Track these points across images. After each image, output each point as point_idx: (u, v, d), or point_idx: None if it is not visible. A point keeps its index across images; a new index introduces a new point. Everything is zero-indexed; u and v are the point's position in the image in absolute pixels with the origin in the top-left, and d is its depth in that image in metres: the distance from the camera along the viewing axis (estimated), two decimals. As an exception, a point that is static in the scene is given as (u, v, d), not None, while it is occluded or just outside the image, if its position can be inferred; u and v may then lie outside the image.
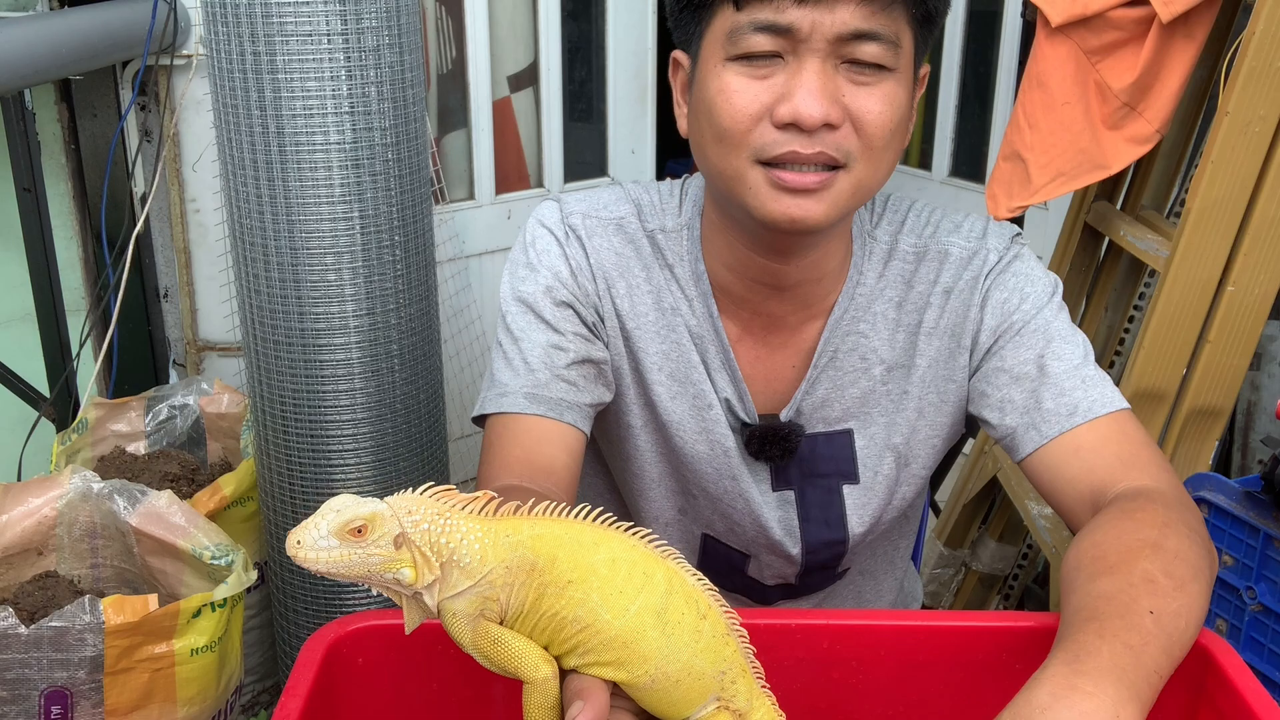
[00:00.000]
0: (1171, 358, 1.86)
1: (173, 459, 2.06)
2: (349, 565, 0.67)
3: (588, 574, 0.70)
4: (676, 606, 0.71)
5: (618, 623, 0.70)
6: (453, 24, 2.86)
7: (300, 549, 0.67)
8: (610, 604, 0.70)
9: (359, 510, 0.67)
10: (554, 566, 0.70)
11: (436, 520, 0.69)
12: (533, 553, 0.70)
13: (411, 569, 0.68)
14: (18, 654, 1.42)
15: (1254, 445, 2.21)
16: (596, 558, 0.70)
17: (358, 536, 0.67)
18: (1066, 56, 1.97)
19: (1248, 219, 1.78)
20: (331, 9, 1.54)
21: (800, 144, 0.92)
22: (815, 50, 0.90)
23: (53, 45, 1.95)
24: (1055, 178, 2.03)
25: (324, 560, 0.67)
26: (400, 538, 0.68)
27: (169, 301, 2.59)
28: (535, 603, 0.70)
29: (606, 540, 0.71)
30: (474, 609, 0.70)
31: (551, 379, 1.06)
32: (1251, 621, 1.63)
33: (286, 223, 1.61)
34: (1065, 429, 1.01)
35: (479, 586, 0.69)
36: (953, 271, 1.08)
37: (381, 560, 0.67)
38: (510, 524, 0.71)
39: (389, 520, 0.67)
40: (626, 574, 0.70)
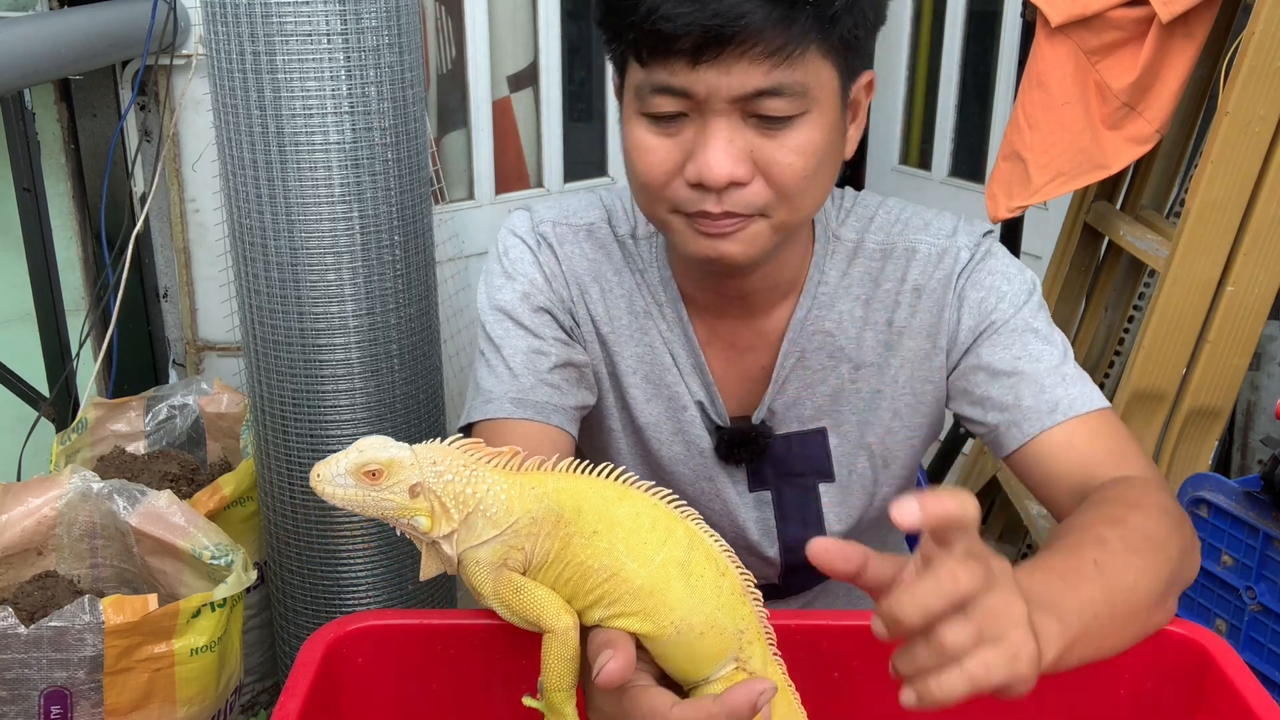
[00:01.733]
0: (1171, 358, 1.86)
1: (172, 459, 2.06)
2: (361, 505, 0.69)
3: (613, 525, 0.71)
4: (698, 561, 0.72)
5: (644, 572, 0.70)
6: (452, 24, 2.86)
7: (319, 481, 0.69)
8: (636, 553, 0.71)
9: (377, 454, 0.69)
10: (579, 517, 0.71)
11: (462, 471, 0.70)
12: (558, 504, 0.71)
13: (428, 518, 0.70)
14: (17, 654, 1.42)
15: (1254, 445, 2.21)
16: (620, 511, 0.72)
17: (372, 479, 0.68)
18: (1066, 56, 1.97)
19: (1248, 219, 1.78)
20: (331, 9, 1.54)
21: (710, 203, 0.92)
22: (717, 110, 0.89)
23: (52, 45, 1.95)
24: (1055, 177, 2.03)
25: (338, 496, 0.69)
26: (418, 487, 0.69)
27: (169, 301, 2.59)
28: (560, 552, 0.71)
29: (629, 496, 0.73)
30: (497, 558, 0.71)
31: (535, 383, 1.06)
32: (1251, 621, 1.63)
33: (286, 223, 1.61)
34: (1047, 426, 1.01)
35: (504, 536, 0.70)
36: (921, 269, 1.07)
37: (394, 506, 0.69)
38: (535, 477, 0.72)
39: (407, 468, 0.69)
40: (650, 527, 0.71)
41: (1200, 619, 1.67)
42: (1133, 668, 0.89)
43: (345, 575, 1.78)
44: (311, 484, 0.69)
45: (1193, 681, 0.88)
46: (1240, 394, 2.05)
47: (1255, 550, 1.61)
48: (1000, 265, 1.08)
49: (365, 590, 1.80)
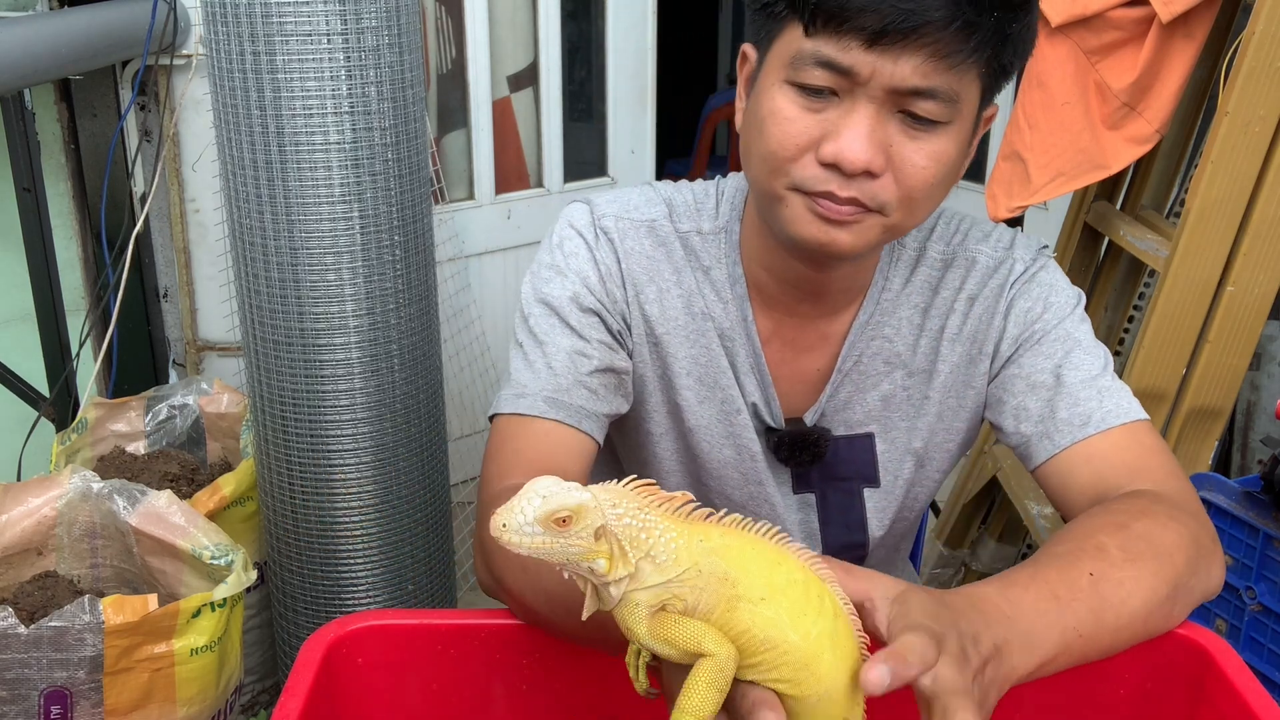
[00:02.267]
0: (1171, 358, 1.86)
1: (172, 459, 2.06)
2: (550, 552, 0.68)
3: (776, 593, 0.70)
4: (843, 632, 0.72)
5: (803, 644, 0.70)
6: (452, 24, 2.86)
7: (506, 532, 0.67)
8: (796, 625, 0.70)
9: (566, 500, 0.68)
10: (747, 579, 0.70)
11: (637, 515, 0.70)
12: (725, 561, 0.70)
13: (607, 560, 0.69)
14: (17, 654, 1.42)
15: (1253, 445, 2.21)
16: (780, 577, 0.71)
17: (562, 526, 0.67)
18: (1066, 56, 1.97)
19: (1247, 219, 1.78)
20: (331, 9, 1.54)
21: (837, 185, 0.91)
22: (871, 96, 0.88)
23: (52, 45, 1.95)
24: (1055, 178, 2.03)
25: (527, 545, 0.67)
26: (601, 530, 0.68)
27: (169, 301, 2.59)
28: (725, 614, 0.70)
29: (784, 560, 0.72)
30: (658, 602, 0.70)
31: (573, 385, 1.04)
32: (1251, 621, 1.63)
33: (286, 222, 1.61)
34: (1078, 439, 1.01)
35: (670, 584, 0.70)
36: (978, 279, 1.09)
37: (581, 550, 0.68)
38: (704, 529, 0.72)
39: (594, 512, 0.68)
40: (804, 595, 0.71)
41: (1200, 619, 1.67)
42: (1133, 668, 0.89)
43: (345, 575, 1.78)
44: (495, 534, 0.67)
45: (1193, 681, 0.88)
46: (1240, 394, 2.06)
47: (1255, 550, 1.61)
48: (1050, 278, 1.09)
49: (365, 590, 1.80)
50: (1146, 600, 0.84)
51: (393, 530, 1.78)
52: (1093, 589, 0.82)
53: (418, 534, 1.82)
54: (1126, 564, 0.85)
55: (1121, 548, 0.86)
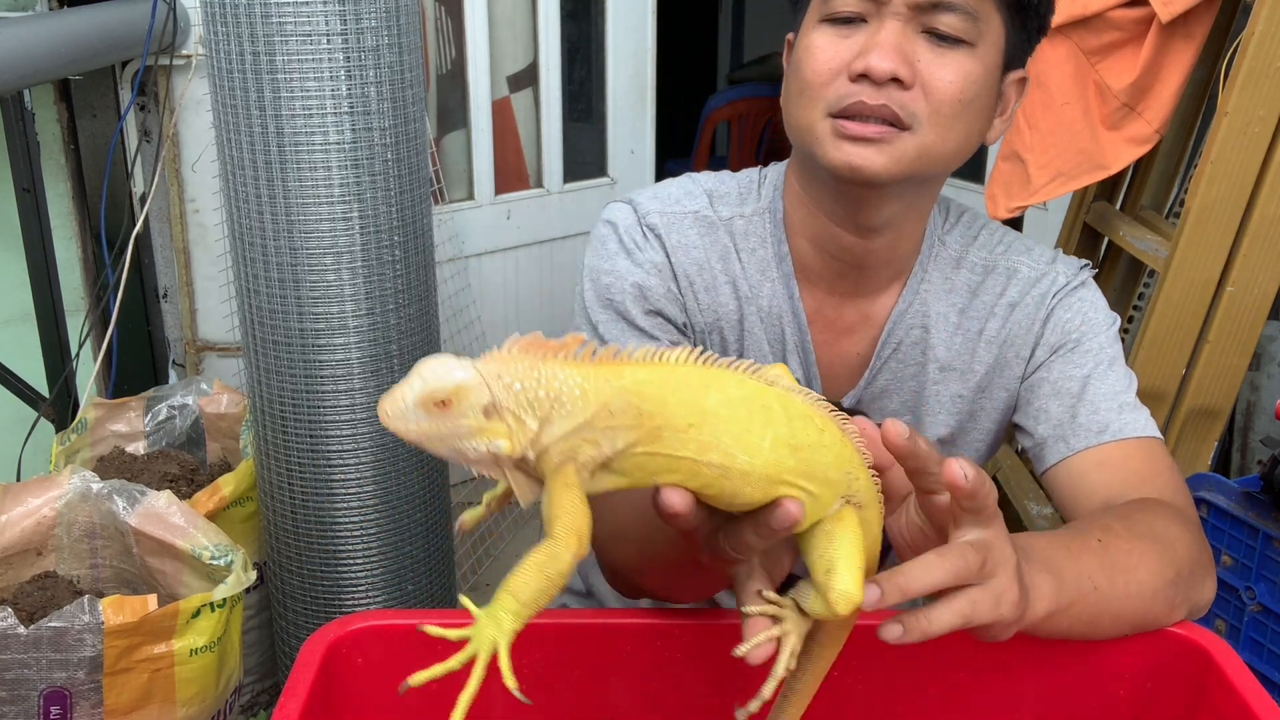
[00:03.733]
0: (1171, 358, 1.86)
1: (172, 459, 2.06)
2: (439, 439, 0.63)
3: (708, 416, 0.66)
4: (801, 430, 0.68)
5: (757, 462, 0.66)
6: (452, 24, 2.86)
7: (389, 419, 0.64)
8: (741, 444, 0.66)
9: (444, 381, 0.63)
10: (664, 409, 0.66)
11: (530, 375, 0.64)
12: (639, 397, 0.65)
13: (506, 439, 0.64)
14: (17, 654, 1.42)
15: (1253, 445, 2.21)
16: (710, 400, 0.66)
17: (444, 409, 0.63)
18: (1066, 57, 1.97)
19: (1247, 219, 1.78)
20: (331, 9, 1.54)
21: (867, 94, 0.95)
22: (895, 13, 0.94)
23: (52, 45, 1.95)
24: (1054, 178, 2.03)
25: (413, 432, 0.63)
26: (491, 406, 0.63)
27: (168, 302, 2.59)
28: (646, 444, 0.66)
29: (716, 381, 0.67)
30: (568, 450, 0.65)
31: None
32: (1251, 622, 1.63)
33: (286, 223, 1.61)
34: (1092, 444, 1.03)
35: (580, 430, 0.65)
36: (1020, 288, 1.11)
37: (472, 431, 0.63)
38: (613, 369, 0.66)
39: (476, 389, 0.63)
40: (745, 412, 0.66)
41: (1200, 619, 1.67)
42: (1133, 668, 0.89)
43: (345, 575, 1.78)
44: (382, 422, 0.64)
45: (1193, 681, 0.88)
46: (1240, 394, 2.06)
47: (1255, 550, 1.61)
48: (1092, 295, 1.11)
49: (365, 590, 1.80)
50: (1152, 575, 0.86)
51: (392, 530, 1.78)
52: (1102, 550, 0.85)
53: (417, 534, 1.82)
54: (1133, 539, 0.87)
55: (1126, 527, 0.88)
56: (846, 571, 0.68)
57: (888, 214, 1.04)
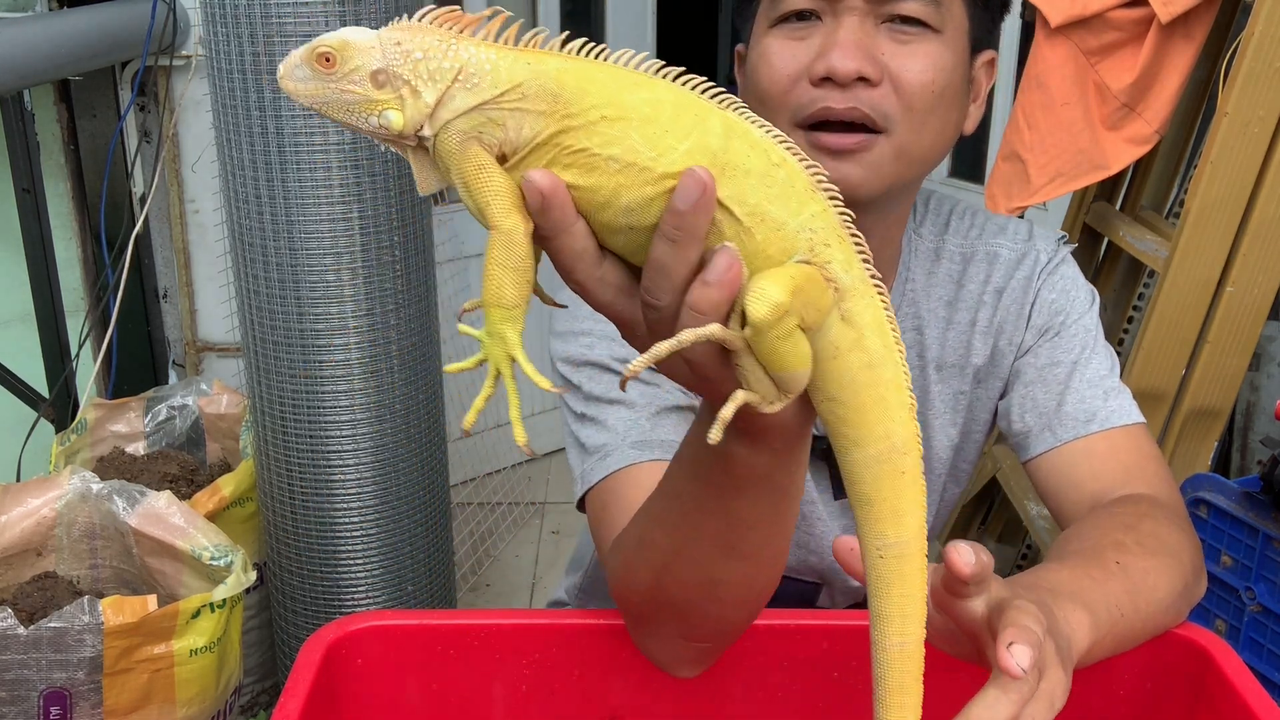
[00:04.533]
0: (1171, 358, 1.86)
1: (172, 460, 2.06)
2: (325, 101, 0.58)
3: (625, 111, 0.58)
4: (738, 149, 0.58)
5: (663, 164, 0.57)
6: (452, 24, 2.86)
7: (283, 78, 0.59)
8: (654, 143, 0.57)
9: (328, 37, 0.58)
10: (582, 99, 0.58)
11: (436, 46, 0.58)
12: (556, 82, 0.58)
13: (397, 111, 0.58)
14: (17, 655, 1.42)
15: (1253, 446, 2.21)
16: (636, 97, 0.58)
17: (326, 66, 0.57)
18: (1066, 57, 1.97)
19: (1247, 219, 1.78)
20: (331, 10, 1.54)
21: (834, 100, 0.89)
22: (852, 7, 0.89)
23: (52, 46, 1.95)
24: (1054, 178, 2.03)
25: (301, 92, 0.58)
26: (382, 74, 0.58)
27: (168, 302, 2.59)
28: (555, 136, 0.58)
29: (649, 83, 0.59)
30: (471, 128, 0.59)
31: (656, 421, 0.96)
32: (1250, 622, 1.63)
33: (286, 223, 1.61)
34: (1080, 435, 1.01)
35: (485, 108, 0.58)
36: (1004, 272, 1.08)
37: (358, 99, 0.58)
38: (531, 53, 0.59)
39: (363, 51, 0.57)
40: (673, 114, 0.58)
41: (1200, 619, 1.67)
42: (1133, 668, 0.89)
43: (345, 576, 1.78)
44: (279, 82, 0.59)
45: (1193, 681, 0.88)
46: (1240, 394, 2.05)
47: (1255, 551, 1.61)
48: (1072, 272, 1.09)
49: (365, 591, 1.80)
50: (1168, 592, 0.85)
51: (392, 531, 1.78)
52: (1123, 573, 0.83)
53: (417, 535, 1.82)
54: (1146, 556, 0.86)
55: (1138, 543, 0.87)
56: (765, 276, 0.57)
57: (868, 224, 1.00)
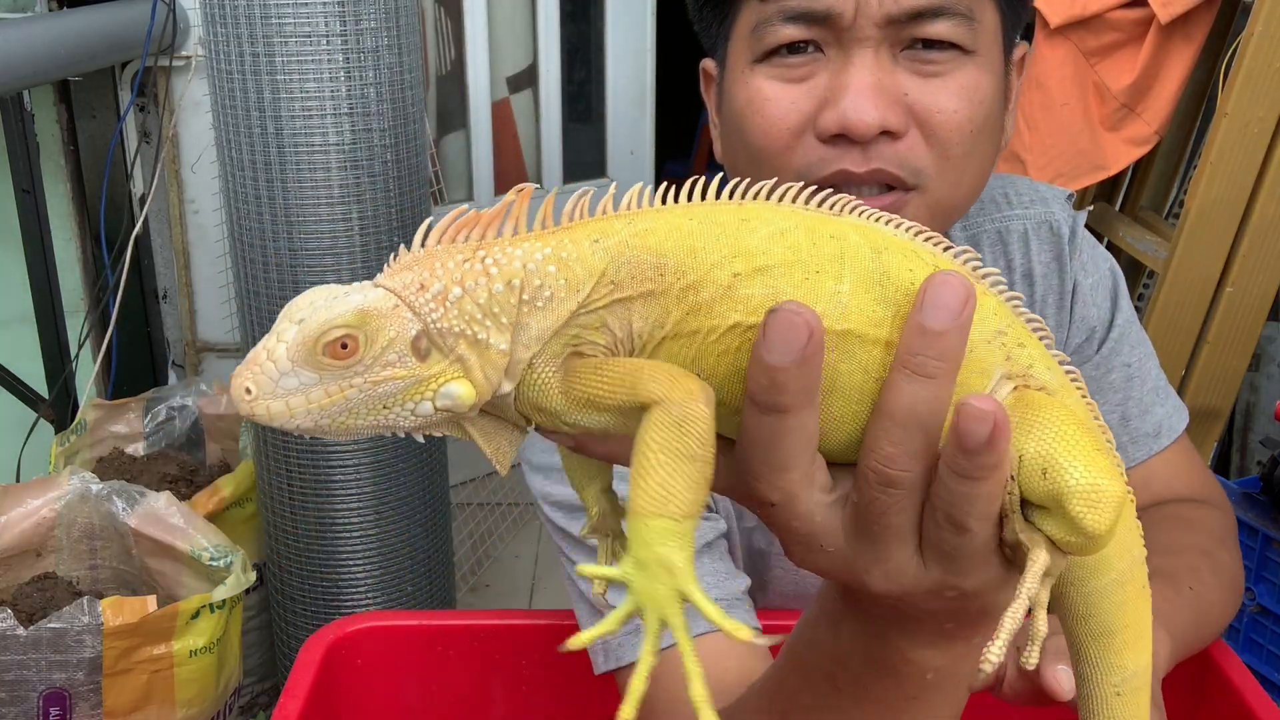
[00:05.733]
0: (1170, 358, 1.86)
1: (171, 460, 2.06)
2: (349, 410, 0.41)
3: (756, 260, 0.44)
4: (896, 264, 0.45)
5: (835, 315, 0.44)
6: (451, 25, 2.86)
7: (254, 401, 0.40)
8: (813, 295, 0.44)
9: (336, 312, 0.40)
10: (694, 259, 0.44)
11: (472, 270, 0.42)
12: (647, 249, 0.44)
13: (461, 379, 0.42)
14: (16, 655, 1.42)
15: (1253, 446, 2.21)
16: (754, 238, 0.44)
17: (344, 355, 0.40)
18: (1065, 58, 1.97)
19: (1246, 220, 1.78)
20: (330, 10, 1.54)
21: (852, 161, 0.71)
22: (864, 38, 0.70)
23: (52, 46, 1.94)
24: (1054, 178, 2.03)
25: (301, 410, 0.40)
26: (423, 338, 0.42)
27: (168, 303, 2.59)
28: (684, 319, 0.43)
29: (752, 212, 0.45)
30: (562, 349, 0.43)
31: None
32: (1250, 623, 1.63)
33: (285, 224, 1.61)
34: (1153, 451, 0.92)
35: (573, 322, 0.43)
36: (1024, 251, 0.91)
37: (401, 385, 0.41)
38: (591, 228, 0.44)
39: (389, 317, 0.41)
40: (810, 244, 0.44)
41: (1199, 620, 1.67)
42: (1132, 668, 0.89)
43: (344, 576, 1.78)
44: (244, 411, 0.41)
45: (1193, 681, 0.88)
46: (1239, 395, 2.05)
47: (1255, 551, 1.61)
48: (1091, 242, 0.94)
49: (364, 591, 1.80)
50: (1222, 625, 0.85)
51: (392, 532, 1.78)
52: (1195, 600, 0.80)
53: (417, 535, 1.82)
54: (1217, 589, 0.84)
55: (1212, 572, 0.84)
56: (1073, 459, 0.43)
57: None
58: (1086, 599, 0.50)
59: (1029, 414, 0.44)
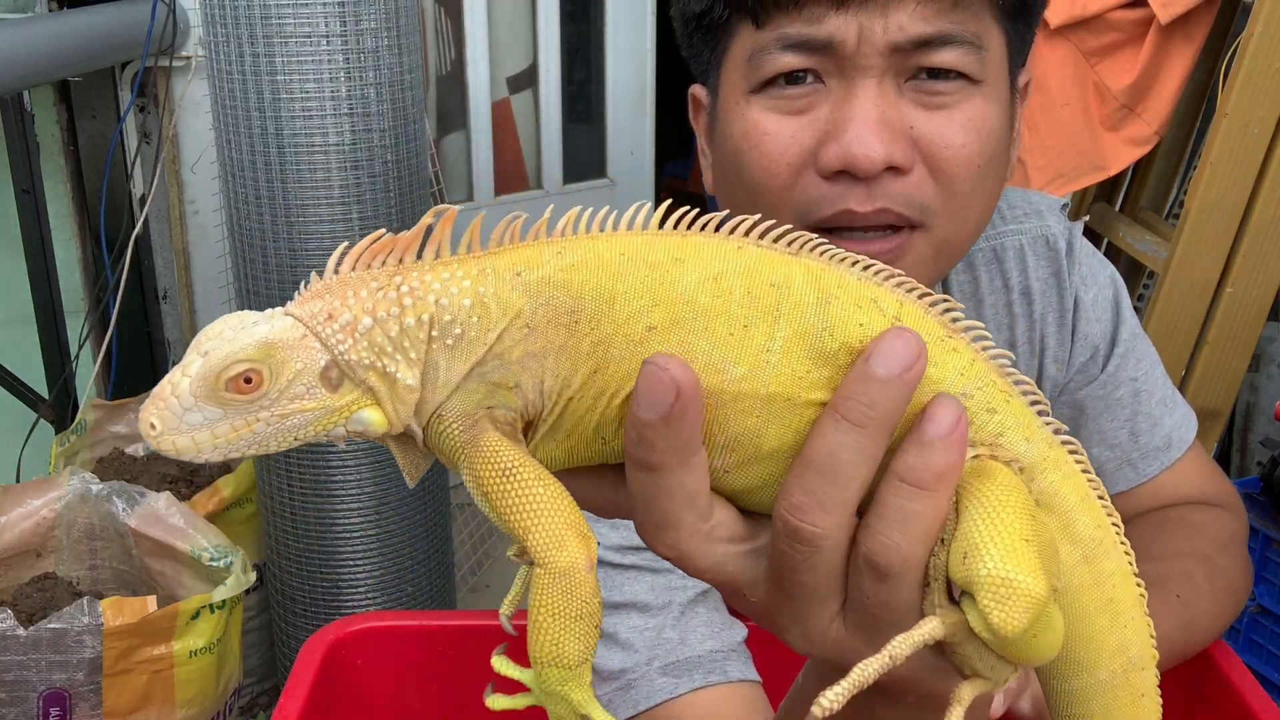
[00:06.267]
0: (1170, 359, 1.86)
1: (171, 461, 2.06)
2: (257, 439, 0.40)
3: (678, 311, 0.40)
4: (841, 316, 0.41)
5: (760, 379, 0.40)
6: (452, 25, 2.86)
7: (159, 436, 0.39)
8: (737, 352, 0.40)
9: (236, 346, 0.40)
10: (612, 308, 0.41)
11: (384, 300, 0.41)
12: (565, 290, 0.41)
13: (373, 408, 0.41)
14: (16, 656, 1.42)
15: (1253, 447, 2.21)
16: (681, 283, 0.41)
17: (248, 390, 0.39)
18: (1065, 58, 1.97)
19: (1246, 220, 1.78)
20: (330, 11, 1.54)
21: (856, 199, 0.67)
22: (868, 68, 0.67)
23: (52, 47, 1.94)
24: (1054, 179, 2.03)
25: (207, 443, 0.39)
26: (332, 368, 0.40)
27: (168, 303, 2.59)
28: (591, 377, 0.41)
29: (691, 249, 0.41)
30: (474, 406, 0.41)
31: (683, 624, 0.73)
32: (1250, 623, 1.63)
33: (285, 224, 1.61)
34: (1164, 465, 0.90)
35: (486, 369, 0.41)
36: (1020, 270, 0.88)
37: (312, 416, 0.40)
38: (515, 256, 0.41)
39: (295, 348, 0.40)
40: (744, 292, 0.41)
41: (1200, 620, 1.67)
42: (1132, 669, 0.89)
43: (344, 576, 1.78)
44: (149, 440, 0.40)
45: (1193, 681, 0.88)
46: (1239, 395, 2.05)
47: (1255, 552, 1.61)
48: (1089, 250, 0.91)
49: (364, 592, 1.80)
50: (1217, 631, 0.84)
51: (392, 532, 1.78)
52: (1182, 608, 0.78)
53: (417, 535, 1.82)
54: (1211, 598, 0.82)
55: (1208, 579, 0.82)
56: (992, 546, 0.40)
57: None
58: (1068, 698, 0.47)
59: (975, 485, 0.41)
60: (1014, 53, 0.74)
